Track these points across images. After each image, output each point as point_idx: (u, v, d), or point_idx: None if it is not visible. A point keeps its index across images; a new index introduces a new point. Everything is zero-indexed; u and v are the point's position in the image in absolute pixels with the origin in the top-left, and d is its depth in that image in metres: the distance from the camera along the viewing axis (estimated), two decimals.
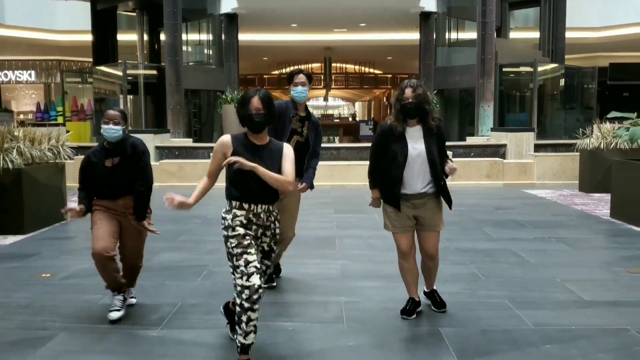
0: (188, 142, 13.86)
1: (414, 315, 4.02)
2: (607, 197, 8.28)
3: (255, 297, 3.06)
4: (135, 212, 3.98)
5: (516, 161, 11.94)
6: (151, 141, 12.31)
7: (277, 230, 3.40)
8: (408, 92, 3.73)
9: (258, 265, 3.13)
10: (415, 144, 3.80)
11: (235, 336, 3.26)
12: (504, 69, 15.52)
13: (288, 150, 3.35)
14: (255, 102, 3.23)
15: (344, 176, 11.14)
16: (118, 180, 3.96)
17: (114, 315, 3.96)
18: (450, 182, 4.05)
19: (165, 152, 12.51)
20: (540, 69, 15.24)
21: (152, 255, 5.73)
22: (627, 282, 4.88)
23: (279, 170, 3.25)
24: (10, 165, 6.68)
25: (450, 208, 3.99)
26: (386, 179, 3.88)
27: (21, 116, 21.57)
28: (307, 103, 4.75)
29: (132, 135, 4.17)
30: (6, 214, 6.81)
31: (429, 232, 3.97)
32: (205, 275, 5.06)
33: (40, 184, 7.21)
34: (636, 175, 7.26)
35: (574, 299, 4.43)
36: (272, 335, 3.71)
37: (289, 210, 4.56)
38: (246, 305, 3.06)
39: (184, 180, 11.10)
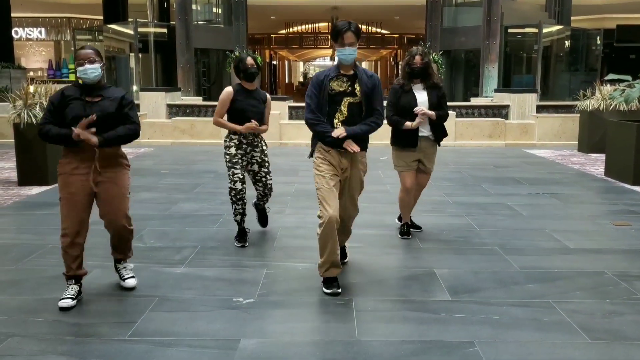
0: (198, 100, 14.16)
1: (410, 236, 5.07)
2: (604, 157, 8.59)
3: (238, 195, 4.65)
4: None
5: (518, 122, 12.22)
6: (163, 99, 12.65)
7: (264, 145, 4.86)
8: (417, 59, 4.77)
9: (241, 176, 4.64)
10: (420, 96, 4.81)
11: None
12: (509, 31, 15.63)
13: (269, 100, 4.89)
14: (250, 60, 4.69)
15: None
16: (97, 116, 3.35)
17: (65, 303, 3.51)
18: (453, 142, 4.60)
19: (177, 110, 12.82)
20: (545, 30, 15.34)
21: (171, 204, 6.23)
22: (611, 233, 5.28)
23: (261, 108, 4.73)
24: (34, 120, 7.06)
25: (439, 145, 4.98)
26: (400, 126, 4.79)
27: (31, 73, 21.80)
28: (314, 63, 5.06)
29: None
30: (31, 166, 7.24)
31: (425, 174, 5.08)
32: (221, 223, 5.49)
33: None
34: (629, 135, 7.59)
35: (559, 246, 4.84)
36: (282, 273, 4.15)
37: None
38: (233, 199, 4.68)
39: (196, 137, 11.48)
